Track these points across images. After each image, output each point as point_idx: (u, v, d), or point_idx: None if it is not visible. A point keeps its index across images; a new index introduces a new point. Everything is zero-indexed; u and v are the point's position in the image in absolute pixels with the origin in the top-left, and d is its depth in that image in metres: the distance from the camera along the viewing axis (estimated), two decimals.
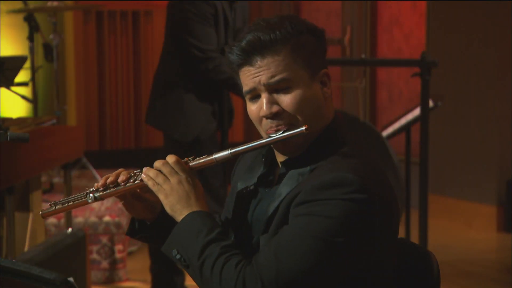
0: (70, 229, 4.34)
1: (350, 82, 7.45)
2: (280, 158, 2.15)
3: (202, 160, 2.13)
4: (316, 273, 1.94)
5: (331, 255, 1.95)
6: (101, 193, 2.17)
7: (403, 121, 5.23)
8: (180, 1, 4.34)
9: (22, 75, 5.62)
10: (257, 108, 2.11)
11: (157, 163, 2.12)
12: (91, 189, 2.19)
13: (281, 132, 2.07)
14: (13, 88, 4.68)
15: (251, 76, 2.09)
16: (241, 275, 1.95)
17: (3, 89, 4.51)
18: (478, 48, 6.46)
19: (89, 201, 2.18)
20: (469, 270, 5.42)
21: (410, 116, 5.20)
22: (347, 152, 2.07)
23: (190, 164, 2.13)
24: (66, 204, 2.21)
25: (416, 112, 5.08)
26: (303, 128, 2.04)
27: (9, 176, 3.59)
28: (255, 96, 2.11)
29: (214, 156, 2.12)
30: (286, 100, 2.07)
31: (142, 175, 2.12)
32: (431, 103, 4.92)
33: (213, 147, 4.36)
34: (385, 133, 5.24)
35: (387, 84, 7.56)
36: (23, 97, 5.23)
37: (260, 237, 2.07)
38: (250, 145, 2.11)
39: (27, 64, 5.32)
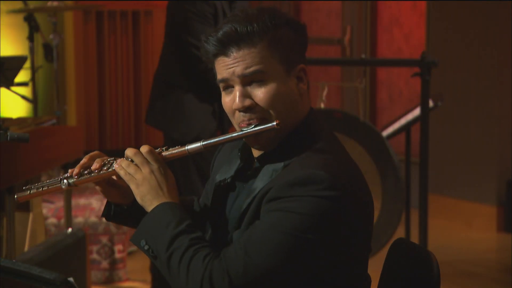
0: (70, 229, 4.34)
1: (350, 82, 7.44)
2: (255, 153, 2.14)
3: (175, 151, 2.10)
4: (285, 269, 1.93)
5: (301, 251, 1.93)
6: (75, 179, 2.16)
7: (403, 121, 5.22)
8: (180, 1, 4.34)
9: (22, 75, 5.62)
10: (230, 101, 2.10)
11: (129, 152, 2.09)
12: (66, 175, 2.17)
13: (252, 126, 2.05)
14: (13, 88, 4.67)
15: (226, 66, 2.08)
16: (208, 269, 1.93)
17: (3, 89, 4.51)
18: (478, 48, 6.46)
19: (63, 187, 2.17)
20: (469, 270, 5.42)
21: (410, 116, 5.20)
22: (321, 148, 2.06)
23: (163, 154, 2.10)
24: (41, 189, 2.20)
25: (416, 112, 5.08)
26: (274, 123, 2.02)
27: (9, 176, 3.59)
28: (229, 86, 2.10)
29: (186, 148, 2.10)
30: (260, 94, 2.06)
31: (115, 165, 2.09)
32: (431, 103, 4.92)
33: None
34: (385, 133, 5.23)
35: (387, 84, 7.55)
36: (23, 97, 5.22)
37: (233, 233, 2.05)
38: (222, 138, 2.10)
39: (27, 64, 5.31)
